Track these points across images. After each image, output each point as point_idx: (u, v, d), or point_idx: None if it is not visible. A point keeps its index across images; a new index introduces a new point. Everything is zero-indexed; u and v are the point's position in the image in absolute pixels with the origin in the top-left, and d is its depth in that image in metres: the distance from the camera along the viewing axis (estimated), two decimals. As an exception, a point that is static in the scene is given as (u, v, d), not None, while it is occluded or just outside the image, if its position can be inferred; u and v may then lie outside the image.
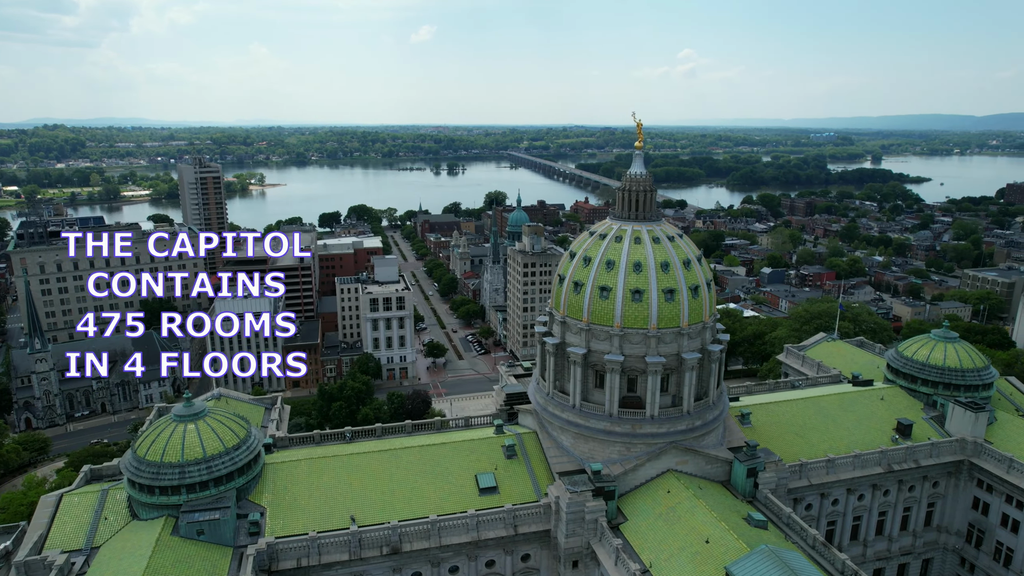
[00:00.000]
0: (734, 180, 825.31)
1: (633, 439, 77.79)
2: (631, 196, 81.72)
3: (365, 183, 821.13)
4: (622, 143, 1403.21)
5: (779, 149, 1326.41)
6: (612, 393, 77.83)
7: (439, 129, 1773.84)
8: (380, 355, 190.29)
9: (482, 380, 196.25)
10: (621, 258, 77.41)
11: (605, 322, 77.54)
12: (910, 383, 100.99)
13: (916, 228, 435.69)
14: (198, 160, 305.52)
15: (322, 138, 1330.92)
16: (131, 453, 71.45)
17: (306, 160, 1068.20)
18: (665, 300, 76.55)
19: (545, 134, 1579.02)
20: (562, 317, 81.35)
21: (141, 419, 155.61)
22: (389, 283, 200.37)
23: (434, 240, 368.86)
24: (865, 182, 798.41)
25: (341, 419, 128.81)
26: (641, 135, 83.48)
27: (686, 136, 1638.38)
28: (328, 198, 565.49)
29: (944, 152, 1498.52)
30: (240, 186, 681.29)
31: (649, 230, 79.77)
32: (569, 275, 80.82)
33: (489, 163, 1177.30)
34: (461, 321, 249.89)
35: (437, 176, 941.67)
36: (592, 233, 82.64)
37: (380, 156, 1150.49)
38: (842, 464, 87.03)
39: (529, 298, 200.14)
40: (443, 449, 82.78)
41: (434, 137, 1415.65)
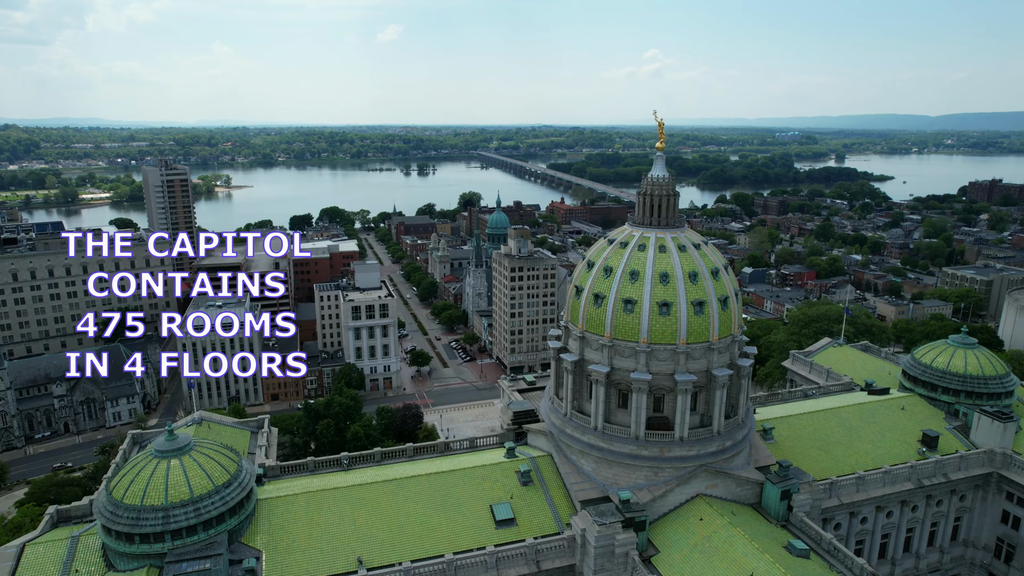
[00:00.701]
0: (704, 179, 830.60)
1: (661, 463, 72.19)
2: (653, 201, 76.10)
3: (334, 184, 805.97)
4: (591, 143, 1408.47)
5: (746, 148, 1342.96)
6: (638, 414, 72.10)
7: (407, 129, 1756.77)
8: (363, 365, 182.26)
9: (469, 389, 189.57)
10: (646, 268, 71.73)
11: (630, 338, 71.80)
12: (930, 391, 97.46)
13: (887, 226, 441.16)
14: (164, 162, 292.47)
15: (289, 139, 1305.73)
16: (106, 495, 63.39)
17: (273, 161, 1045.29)
18: (694, 313, 71.13)
19: (514, 134, 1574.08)
20: (581, 332, 75.36)
21: (109, 439, 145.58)
22: (371, 290, 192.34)
23: (410, 243, 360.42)
24: (832, 180, 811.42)
25: (329, 437, 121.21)
26: (663, 135, 78.03)
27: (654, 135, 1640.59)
28: (297, 200, 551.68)
29: (903, 151, 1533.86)
30: (205, 188, 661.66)
31: (674, 237, 74.30)
32: (588, 287, 74.88)
33: (459, 163, 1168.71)
34: (443, 327, 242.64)
35: (407, 177, 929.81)
36: (611, 241, 76.78)
37: (348, 157, 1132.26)
38: (872, 481, 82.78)
39: (517, 303, 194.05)
40: (453, 477, 76.13)
41: (403, 137, 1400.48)
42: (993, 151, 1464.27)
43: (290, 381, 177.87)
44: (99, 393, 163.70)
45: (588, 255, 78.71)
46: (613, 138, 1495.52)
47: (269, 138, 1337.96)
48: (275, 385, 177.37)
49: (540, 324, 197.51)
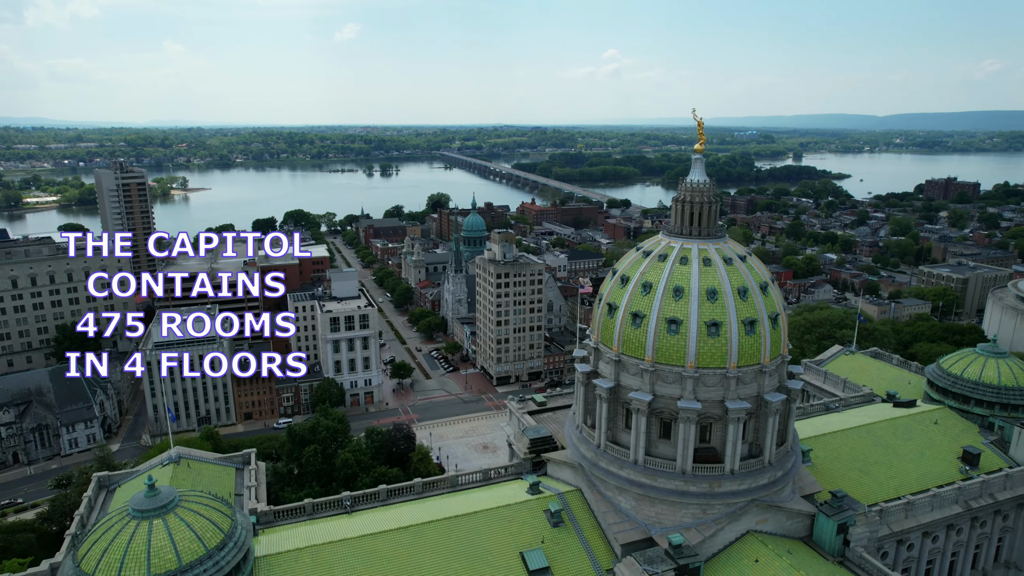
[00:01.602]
0: (669, 178, 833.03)
1: (711, 499, 65.10)
2: (691, 209, 69.02)
3: (295, 186, 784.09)
4: (554, 142, 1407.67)
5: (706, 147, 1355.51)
6: (685, 446, 64.86)
7: (368, 129, 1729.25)
8: (343, 379, 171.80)
9: (455, 402, 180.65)
10: (691, 284, 64.53)
11: (674, 362, 64.52)
12: (961, 404, 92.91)
13: (854, 224, 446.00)
14: (119, 164, 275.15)
15: (246, 139, 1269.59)
16: (73, 568, 53.19)
17: (230, 162, 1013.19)
18: (745, 333, 64.25)
19: (477, 134, 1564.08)
20: (616, 355, 67.77)
21: (65, 471, 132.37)
22: (349, 299, 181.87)
23: (381, 246, 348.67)
24: (792, 179, 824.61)
25: (316, 465, 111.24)
26: (703, 136, 71.08)
27: (616, 135, 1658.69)
28: (258, 202, 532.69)
29: (856, 150, 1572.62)
30: (161, 191, 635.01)
31: (717, 249, 67.34)
32: (624, 304, 67.32)
33: (422, 164, 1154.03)
34: (422, 335, 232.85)
35: (370, 178, 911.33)
36: (648, 254, 69.34)
37: (308, 158, 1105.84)
38: (921, 506, 77.34)
39: (503, 311, 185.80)
40: (475, 521, 67.78)
41: (364, 138, 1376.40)
42: (939, 150, 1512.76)
43: (264, 399, 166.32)
44: (52, 418, 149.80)
45: (620, 269, 71.13)
46: (575, 138, 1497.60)
47: (226, 139, 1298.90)
48: (248, 404, 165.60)
49: (527, 332, 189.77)
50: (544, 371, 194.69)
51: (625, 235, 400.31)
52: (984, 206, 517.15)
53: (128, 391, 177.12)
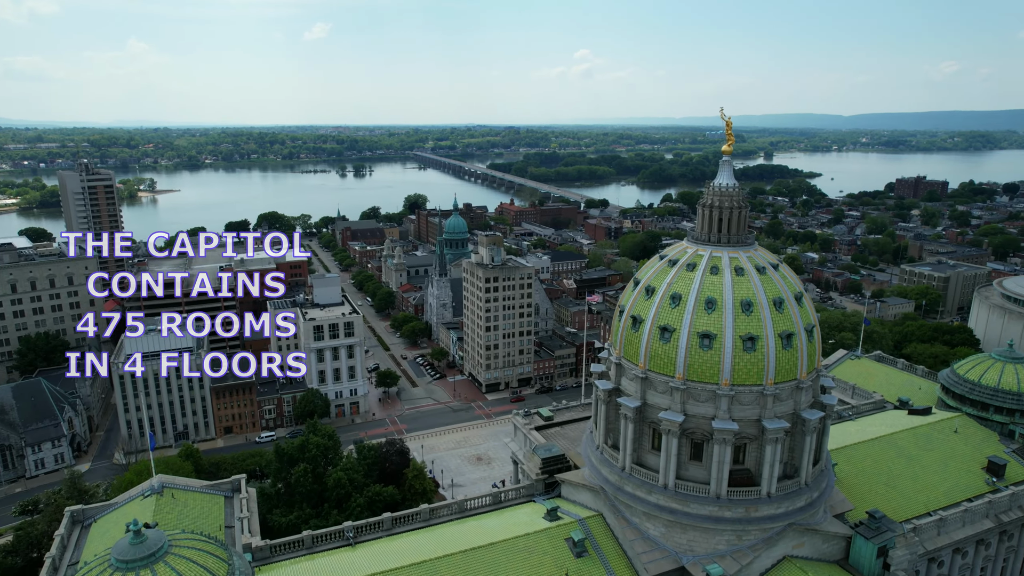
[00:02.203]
0: (644, 178, 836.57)
1: (747, 525, 60.92)
2: (719, 214, 64.71)
3: (267, 187, 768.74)
4: (527, 142, 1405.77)
5: (679, 147, 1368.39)
6: (720, 469, 60.56)
7: (340, 129, 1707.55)
8: (327, 390, 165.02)
9: (444, 410, 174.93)
10: (724, 295, 60.25)
11: (708, 379, 60.20)
12: (979, 411, 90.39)
13: (831, 223, 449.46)
14: (84, 165, 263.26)
15: (215, 140, 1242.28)
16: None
17: (199, 163, 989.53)
18: (782, 347, 60.16)
19: (450, 134, 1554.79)
20: (643, 372, 63.21)
21: (31, 495, 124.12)
22: (332, 306, 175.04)
23: (359, 249, 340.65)
24: (765, 178, 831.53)
25: (307, 486, 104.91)
26: (731, 136, 66.59)
27: (589, 135, 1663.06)
28: (230, 204, 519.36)
29: (824, 149, 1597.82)
30: (128, 193, 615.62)
31: (749, 257, 63.16)
32: (651, 318, 62.78)
33: (395, 164, 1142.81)
34: (406, 341, 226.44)
35: (343, 178, 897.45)
36: (674, 263, 64.93)
37: (280, 158, 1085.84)
38: (952, 521, 74.22)
39: (492, 316, 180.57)
40: (493, 553, 62.71)
41: (336, 138, 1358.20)
42: (903, 149, 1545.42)
43: (245, 412, 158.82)
44: (16, 438, 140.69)
45: (643, 278, 66.61)
46: (549, 137, 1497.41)
47: (194, 139, 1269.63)
48: (228, 417, 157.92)
49: (516, 337, 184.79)
50: (534, 377, 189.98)
51: (606, 235, 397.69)
52: (953, 204, 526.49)
53: (98, 406, 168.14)
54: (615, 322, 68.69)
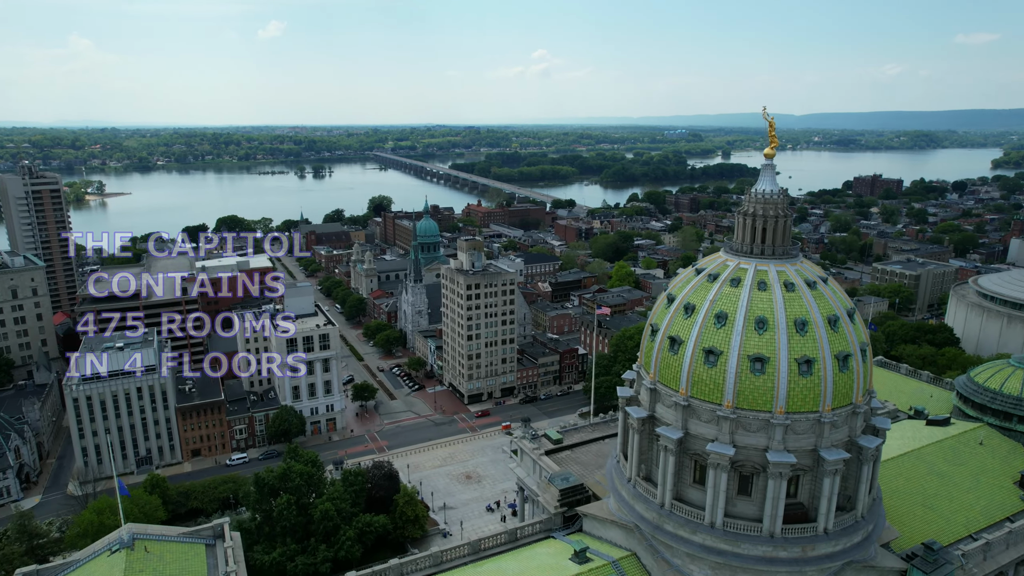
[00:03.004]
0: (607, 177, 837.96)
1: (803, 565, 55.54)
2: (762, 223, 59.17)
3: (223, 189, 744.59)
4: (488, 142, 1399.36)
5: (638, 146, 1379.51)
6: (774, 505, 55.01)
7: (297, 130, 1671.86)
8: (302, 406, 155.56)
9: (426, 424, 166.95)
10: (776, 314, 54.69)
11: (760, 407, 54.60)
12: (1002, 421, 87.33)
13: (796, 221, 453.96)
14: (27, 168, 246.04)
15: (167, 140, 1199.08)
16: None
17: (151, 165, 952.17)
18: (839, 370, 54.96)
19: (410, 134, 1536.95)
20: (684, 399, 57.24)
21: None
22: (306, 316, 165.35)
23: (325, 254, 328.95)
24: (725, 176, 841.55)
25: (291, 519, 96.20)
26: (775, 139, 61.27)
27: (549, 134, 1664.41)
28: (185, 208, 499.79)
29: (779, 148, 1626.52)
30: (74, 196, 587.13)
31: (797, 271, 57.72)
32: (694, 339, 56.84)
33: (355, 165, 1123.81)
34: (380, 350, 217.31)
35: (302, 180, 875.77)
36: (714, 277, 59.11)
37: (236, 160, 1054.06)
38: (997, 544, 70.24)
39: (474, 324, 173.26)
40: (523, 605, 55.94)
41: (293, 138, 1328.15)
42: (854, 148, 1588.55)
43: (214, 433, 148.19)
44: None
45: (680, 294, 60.66)
46: (510, 137, 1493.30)
47: (144, 140, 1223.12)
48: (196, 439, 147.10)
49: (499, 346, 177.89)
50: (517, 386, 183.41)
51: (577, 236, 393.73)
52: (909, 201, 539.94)
53: (49, 431, 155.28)
54: (646, 342, 62.63)
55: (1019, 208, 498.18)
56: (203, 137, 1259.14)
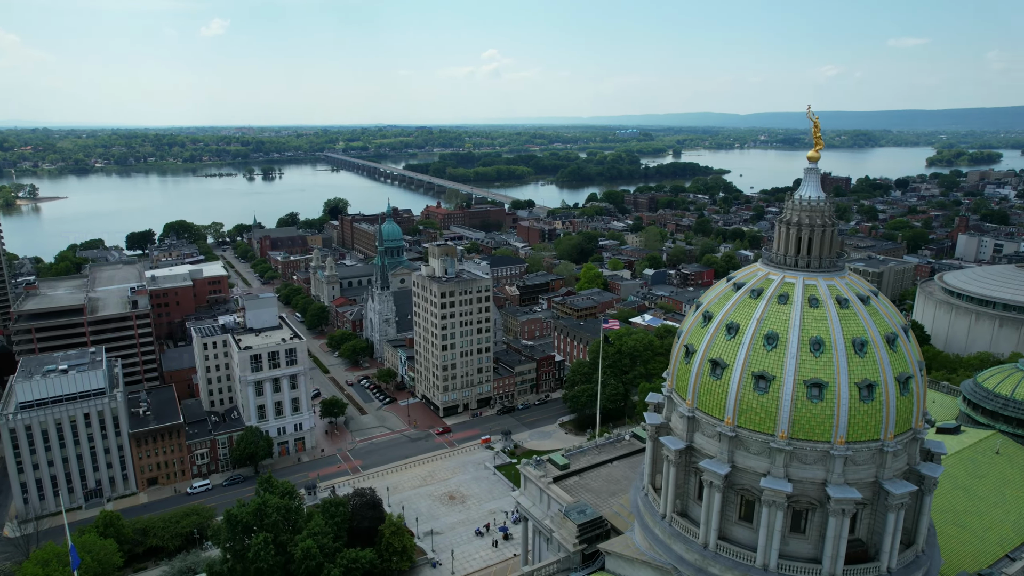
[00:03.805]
0: (562, 177, 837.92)
1: (866, 610, 50.47)
2: (808, 233, 54.04)
3: (168, 193, 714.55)
4: (441, 142, 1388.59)
5: (591, 146, 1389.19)
6: (835, 545, 49.91)
7: (244, 131, 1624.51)
8: (268, 426, 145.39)
9: (401, 440, 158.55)
10: (832, 334, 49.67)
11: (817, 437, 49.47)
12: (1015, 428, 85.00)
13: (753, 219, 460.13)
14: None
15: (105, 142, 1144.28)
16: None
17: (89, 168, 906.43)
18: (900, 393, 50.20)
19: (361, 134, 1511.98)
20: (732, 429, 51.66)
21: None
22: (269, 330, 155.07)
23: (282, 260, 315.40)
24: (678, 175, 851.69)
25: (268, 560, 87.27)
26: (820, 140, 55.88)
27: (502, 134, 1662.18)
28: (129, 213, 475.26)
29: (727, 146, 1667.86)
30: (3, 201, 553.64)
31: (847, 284, 52.83)
32: (740, 363, 51.35)
33: (305, 166, 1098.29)
34: (346, 361, 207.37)
35: (251, 182, 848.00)
36: (757, 293, 53.68)
37: (180, 162, 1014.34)
38: (1035, 564, 67.11)
39: (449, 333, 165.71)
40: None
41: (240, 140, 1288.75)
42: (798, 146, 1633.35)
43: (173, 459, 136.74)
44: None
45: (721, 312, 55.05)
46: (463, 137, 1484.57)
47: (80, 141, 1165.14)
48: (152, 466, 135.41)
49: (475, 355, 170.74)
50: (494, 397, 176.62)
51: (540, 238, 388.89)
52: (858, 199, 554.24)
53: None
54: (679, 364, 56.92)
55: (959, 205, 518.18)
56: (145, 138, 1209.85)
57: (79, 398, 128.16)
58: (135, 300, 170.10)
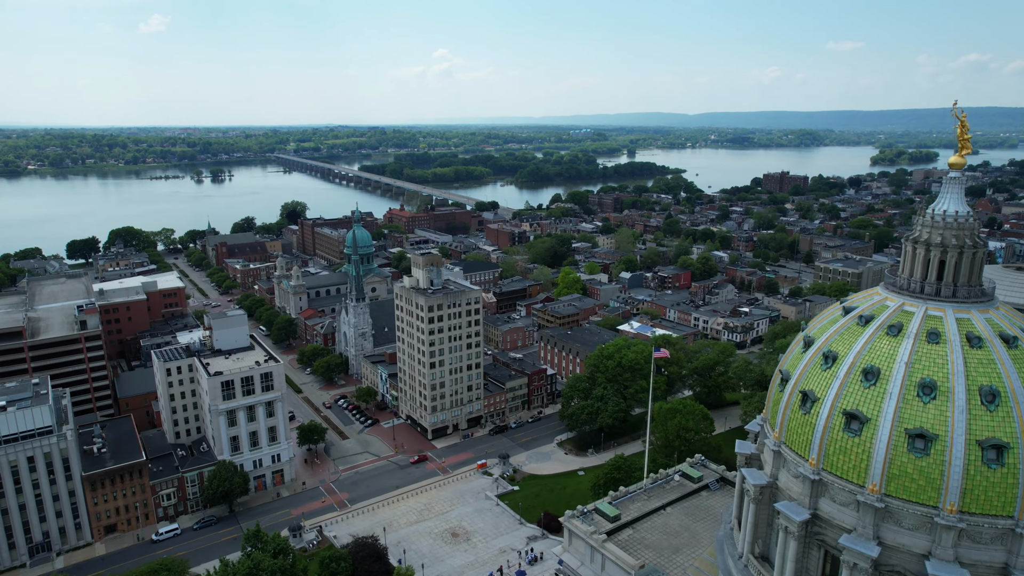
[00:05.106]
0: (521, 178, 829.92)
1: None
2: (955, 257, 44.90)
3: (110, 197, 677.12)
4: (395, 143, 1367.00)
5: (546, 146, 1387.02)
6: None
7: (189, 131, 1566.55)
8: (243, 459, 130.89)
9: (389, 468, 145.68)
10: (952, 377, 41.69)
11: (919, 498, 41.78)
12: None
13: (719, 219, 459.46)
14: None
15: (39, 142, 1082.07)
16: None
17: (20, 170, 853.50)
18: (1078, 452, 41.28)
19: (312, 135, 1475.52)
20: (815, 471, 42.90)
21: None
22: (241, 351, 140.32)
23: (241, 268, 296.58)
24: (636, 175, 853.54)
25: (264, 635, 74.44)
26: (967, 142, 46.62)
27: (456, 135, 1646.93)
28: (68, 219, 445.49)
29: (679, 145, 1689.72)
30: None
31: (988, 319, 43.93)
32: (832, 397, 42.89)
33: (255, 168, 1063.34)
34: (319, 379, 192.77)
35: (199, 184, 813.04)
36: (867, 321, 44.76)
37: (122, 164, 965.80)
38: None
39: (437, 350, 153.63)
40: None
41: (186, 141, 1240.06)
42: (747, 145, 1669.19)
43: (134, 502, 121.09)
44: None
45: (822, 339, 46.04)
46: (417, 138, 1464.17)
47: (10, 141, 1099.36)
48: (110, 512, 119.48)
49: (465, 372, 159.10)
50: (484, 415, 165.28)
51: (510, 241, 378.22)
52: (817, 197, 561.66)
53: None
54: (774, 391, 47.31)
55: (911, 203, 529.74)
56: (82, 139, 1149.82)
57: (21, 439, 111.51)
58: (83, 320, 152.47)
